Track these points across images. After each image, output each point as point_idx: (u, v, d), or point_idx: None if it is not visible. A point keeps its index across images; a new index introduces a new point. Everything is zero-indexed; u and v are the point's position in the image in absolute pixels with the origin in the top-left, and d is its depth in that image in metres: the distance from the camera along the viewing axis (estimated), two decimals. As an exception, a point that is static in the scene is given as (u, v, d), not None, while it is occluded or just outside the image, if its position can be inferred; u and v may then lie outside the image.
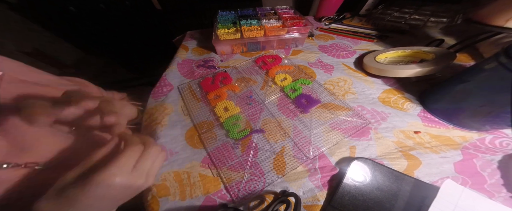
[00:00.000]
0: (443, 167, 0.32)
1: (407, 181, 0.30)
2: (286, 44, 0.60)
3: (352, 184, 0.30)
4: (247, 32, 0.54)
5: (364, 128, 0.38)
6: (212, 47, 0.56)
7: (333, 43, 0.62)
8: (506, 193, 0.29)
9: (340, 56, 0.56)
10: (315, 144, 0.36)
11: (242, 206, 0.30)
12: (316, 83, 0.48)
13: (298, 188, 0.31)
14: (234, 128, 0.38)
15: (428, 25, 0.61)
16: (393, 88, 0.45)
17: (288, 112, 0.42)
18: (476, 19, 0.40)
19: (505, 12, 0.35)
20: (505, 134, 0.35)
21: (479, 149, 0.34)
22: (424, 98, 0.41)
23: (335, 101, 0.43)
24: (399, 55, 0.51)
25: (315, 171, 0.32)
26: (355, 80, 0.48)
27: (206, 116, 0.42)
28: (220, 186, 0.32)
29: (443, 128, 0.37)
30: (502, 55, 0.28)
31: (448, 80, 0.38)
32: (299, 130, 0.38)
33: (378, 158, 0.33)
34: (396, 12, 0.66)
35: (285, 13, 0.65)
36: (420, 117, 0.39)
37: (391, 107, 0.41)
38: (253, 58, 0.57)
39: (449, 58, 0.42)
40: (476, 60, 0.50)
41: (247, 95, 0.46)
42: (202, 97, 0.46)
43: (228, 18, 0.62)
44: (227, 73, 0.51)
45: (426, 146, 0.35)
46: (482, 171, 0.31)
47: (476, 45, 0.50)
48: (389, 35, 0.62)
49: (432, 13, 0.62)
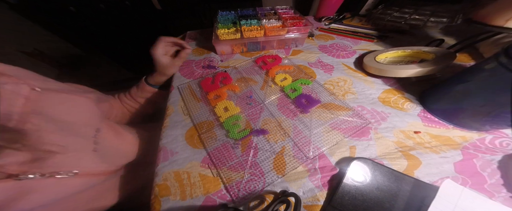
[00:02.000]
0: (443, 167, 0.32)
1: (407, 181, 0.30)
2: (286, 44, 0.60)
3: (352, 184, 0.30)
4: (247, 32, 0.54)
5: (364, 128, 0.38)
6: (212, 47, 0.56)
7: (333, 43, 0.62)
8: (506, 193, 0.29)
9: (340, 56, 0.56)
10: (315, 144, 0.36)
11: (242, 206, 0.30)
12: (316, 83, 0.48)
13: (298, 188, 0.31)
14: (234, 128, 0.38)
15: (428, 25, 0.60)
16: (393, 88, 0.45)
17: (288, 112, 0.42)
18: (476, 19, 0.40)
19: (505, 12, 0.35)
20: (505, 134, 0.35)
21: (479, 149, 0.34)
22: (424, 98, 0.41)
23: (335, 101, 0.43)
24: (399, 55, 0.51)
25: (315, 171, 0.32)
26: (355, 80, 0.48)
27: (206, 116, 0.42)
28: (220, 186, 0.32)
29: (443, 128, 0.37)
30: (502, 55, 0.28)
31: (448, 80, 0.38)
32: (299, 130, 0.38)
33: (378, 158, 0.33)
34: (396, 12, 0.66)
35: (285, 13, 0.65)
36: (420, 117, 0.39)
37: (391, 107, 0.41)
38: (253, 58, 0.57)
39: (449, 58, 0.42)
40: (476, 60, 0.50)
41: (247, 95, 0.46)
42: (202, 97, 0.46)
43: (228, 18, 0.62)
44: (227, 73, 0.51)
45: (426, 146, 0.35)
46: (482, 171, 0.31)
47: (476, 45, 0.50)
48: (389, 35, 0.62)
49: (432, 13, 0.62)
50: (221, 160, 0.34)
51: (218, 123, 0.40)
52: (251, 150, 0.36)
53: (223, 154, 0.35)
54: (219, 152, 0.36)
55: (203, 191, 0.31)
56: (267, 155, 0.35)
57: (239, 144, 0.37)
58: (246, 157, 0.35)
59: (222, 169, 0.33)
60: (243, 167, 0.33)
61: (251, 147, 0.36)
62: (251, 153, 0.35)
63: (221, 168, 0.33)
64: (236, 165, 0.34)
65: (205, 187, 0.32)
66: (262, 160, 0.34)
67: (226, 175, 0.33)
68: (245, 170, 0.33)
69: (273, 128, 0.39)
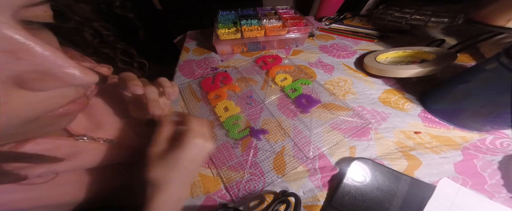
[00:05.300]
0: (444, 167, 0.32)
1: (407, 181, 0.30)
2: (287, 44, 0.60)
3: (352, 184, 0.30)
4: (248, 32, 0.54)
5: (364, 128, 0.37)
6: (213, 47, 0.56)
7: (333, 43, 0.62)
8: (507, 193, 0.29)
9: (341, 56, 0.56)
10: (315, 144, 0.36)
11: (242, 206, 0.30)
12: (316, 83, 0.48)
13: (298, 188, 0.31)
14: (234, 128, 0.38)
15: (429, 25, 0.60)
16: (393, 88, 0.45)
17: (288, 112, 0.42)
18: (477, 19, 0.40)
19: (506, 12, 0.35)
20: (506, 135, 0.35)
21: (480, 150, 0.33)
22: (425, 99, 0.41)
23: (335, 101, 0.43)
24: (399, 55, 0.51)
25: (315, 171, 0.32)
26: (355, 80, 0.48)
27: (206, 116, 0.42)
28: (220, 186, 0.32)
29: (443, 128, 0.37)
30: (503, 56, 0.28)
31: (449, 81, 0.38)
32: (299, 130, 0.38)
33: (378, 158, 0.33)
34: (397, 12, 0.66)
35: (285, 13, 0.65)
36: (421, 117, 0.39)
37: (391, 107, 0.41)
38: (254, 58, 0.57)
39: (450, 59, 0.42)
40: (477, 61, 0.49)
41: (247, 95, 0.46)
42: (202, 97, 0.46)
43: (228, 18, 0.62)
44: (228, 73, 0.51)
45: (426, 146, 0.35)
46: (482, 171, 0.31)
47: (477, 45, 0.50)
48: (389, 35, 0.62)
49: (433, 13, 0.62)
50: (221, 160, 0.34)
51: (218, 122, 0.40)
52: (251, 150, 0.36)
53: (223, 154, 0.35)
54: (219, 152, 0.36)
55: (203, 190, 0.31)
56: (267, 155, 0.35)
57: (239, 144, 0.37)
58: (246, 157, 0.35)
59: (222, 168, 0.33)
60: (243, 167, 0.33)
61: (251, 147, 0.36)
62: (251, 153, 0.35)
63: (221, 168, 0.33)
64: (236, 165, 0.34)
65: (205, 187, 0.32)
66: (262, 160, 0.34)
67: (226, 174, 0.33)
68: (245, 170, 0.33)
69: (273, 128, 0.39)
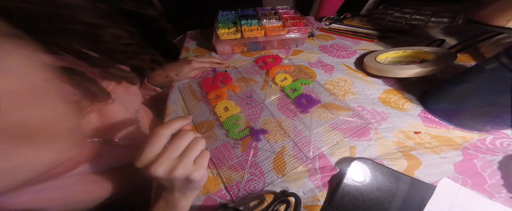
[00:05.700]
0: (444, 167, 0.32)
1: (407, 182, 0.30)
2: (287, 44, 0.60)
3: (352, 184, 0.30)
4: (248, 32, 0.54)
5: (364, 128, 0.37)
6: (213, 47, 0.56)
7: (333, 43, 0.62)
8: (507, 193, 0.29)
9: (341, 56, 0.56)
10: (315, 144, 0.36)
11: (242, 206, 0.30)
12: (316, 83, 0.48)
13: (298, 188, 0.31)
14: (234, 128, 0.38)
15: (429, 25, 0.60)
16: (393, 88, 0.45)
17: (288, 112, 0.42)
18: (477, 19, 0.39)
19: (506, 12, 0.35)
20: (506, 135, 0.35)
21: (480, 150, 0.33)
22: (425, 99, 0.41)
23: (335, 101, 0.43)
24: (399, 55, 0.51)
25: (315, 171, 0.32)
26: (355, 80, 0.48)
27: (206, 115, 0.42)
28: (220, 186, 0.32)
29: (443, 128, 0.37)
30: (503, 56, 0.28)
31: (449, 81, 0.38)
32: (299, 130, 0.38)
33: (378, 158, 0.33)
34: (397, 12, 0.66)
35: (285, 13, 0.65)
36: (421, 117, 0.39)
37: (391, 107, 0.41)
38: (254, 58, 0.57)
39: (450, 59, 0.42)
40: (477, 61, 0.49)
41: (247, 95, 0.46)
42: (202, 97, 0.46)
43: (228, 18, 0.62)
44: (228, 73, 0.51)
45: (426, 146, 0.35)
46: (482, 171, 0.31)
47: (477, 46, 0.50)
48: (389, 35, 0.62)
49: (433, 13, 0.62)
50: (221, 160, 0.34)
51: (218, 122, 0.40)
52: (251, 150, 0.36)
53: (223, 154, 0.35)
54: (219, 152, 0.36)
55: (203, 190, 0.31)
56: (267, 155, 0.35)
57: (239, 144, 0.37)
58: (246, 157, 0.35)
59: (222, 168, 0.33)
60: (243, 167, 0.33)
61: (251, 147, 0.36)
62: (251, 153, 0.35)
63: (221, 168, 0.33)
64: (236, 165, 0.34)
65: (205, 187, 0.32)
66: (262, 160, 0.34)
67: (226, 174, 0.33)
68: (245, 170, 0.33)
69: (273, 128, 0.39)
